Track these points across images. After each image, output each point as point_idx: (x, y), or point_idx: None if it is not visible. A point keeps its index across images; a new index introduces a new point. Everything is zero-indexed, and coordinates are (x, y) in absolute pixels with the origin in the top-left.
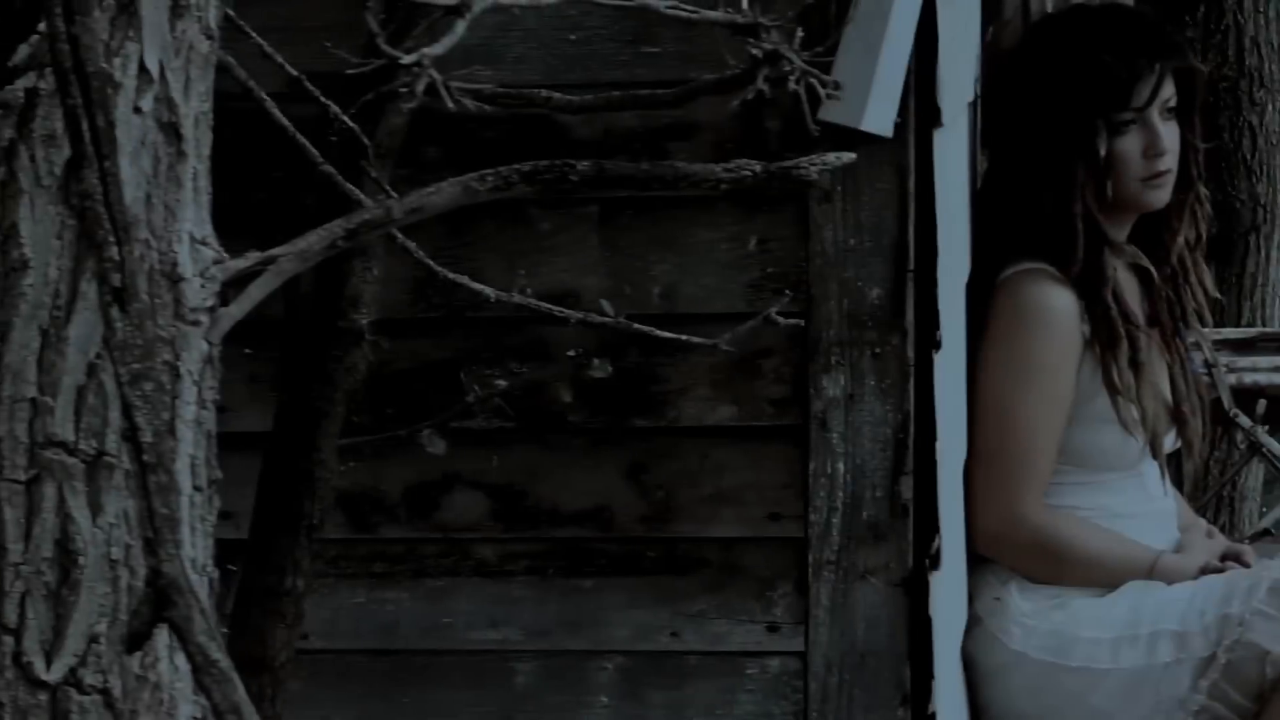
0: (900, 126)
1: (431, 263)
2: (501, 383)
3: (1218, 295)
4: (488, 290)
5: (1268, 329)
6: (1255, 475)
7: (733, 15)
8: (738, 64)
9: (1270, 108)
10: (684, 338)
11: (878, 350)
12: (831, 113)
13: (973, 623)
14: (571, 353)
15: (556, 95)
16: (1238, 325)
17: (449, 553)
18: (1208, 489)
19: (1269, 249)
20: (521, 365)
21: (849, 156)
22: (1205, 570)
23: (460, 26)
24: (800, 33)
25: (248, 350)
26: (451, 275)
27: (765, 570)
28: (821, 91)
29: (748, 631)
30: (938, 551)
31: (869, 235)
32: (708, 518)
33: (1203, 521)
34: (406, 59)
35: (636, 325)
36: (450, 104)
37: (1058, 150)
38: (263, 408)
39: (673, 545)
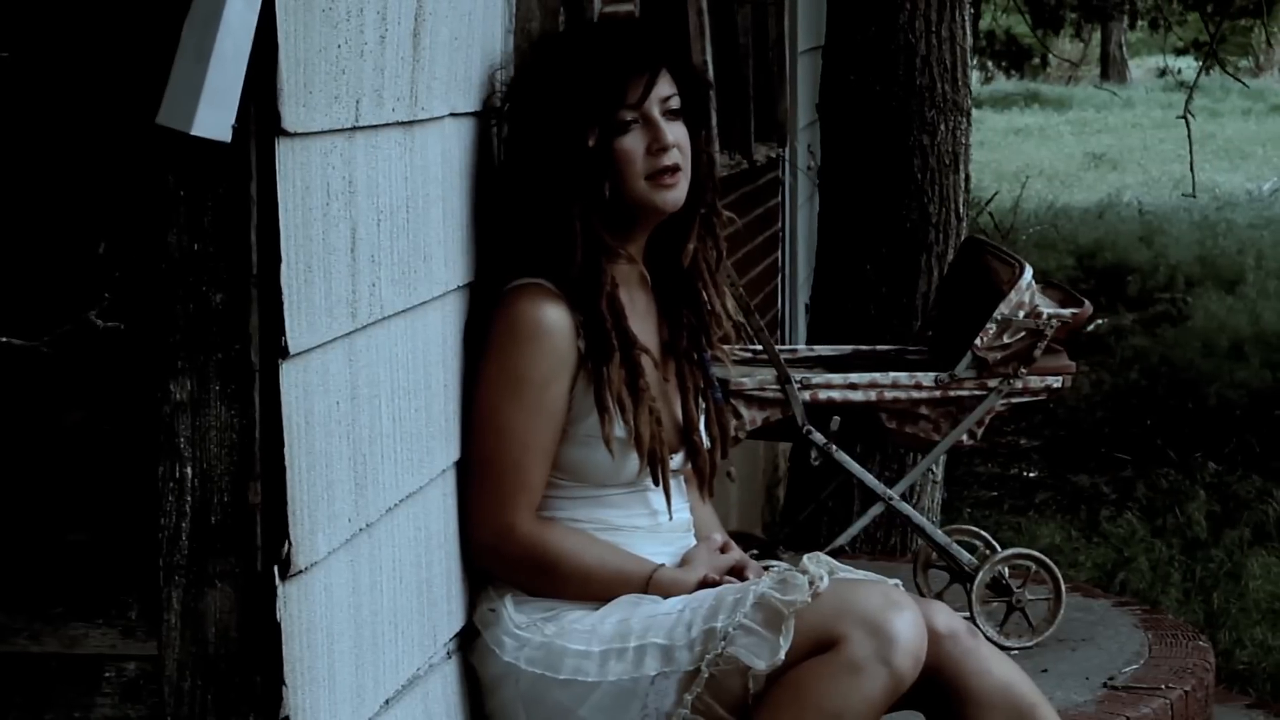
0: (242, 133)
1: None
2: None
3: (740, 319)
4: None
5: (862, 346)
6: (931, 496)
7: None
8: None
9: (942, 127)
10: (5, 339)
11: (221, 355)
12: (166, 116)
13: (473, 634)
14: None
15: None
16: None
17: None
18: (804, 509)
19: (941, 269)
20: None
21: None
22: (704, 584)
23: None
24: None
25: None
26: None
27: (120, 574)
28: None
29: (104, 635)
30: (288, 556)
31: (212, 241)
32: (62, 522)
33: (720, 535)
34: None
35: None
36: None
37: (556, 154)
38: None
39: (28, 548)
